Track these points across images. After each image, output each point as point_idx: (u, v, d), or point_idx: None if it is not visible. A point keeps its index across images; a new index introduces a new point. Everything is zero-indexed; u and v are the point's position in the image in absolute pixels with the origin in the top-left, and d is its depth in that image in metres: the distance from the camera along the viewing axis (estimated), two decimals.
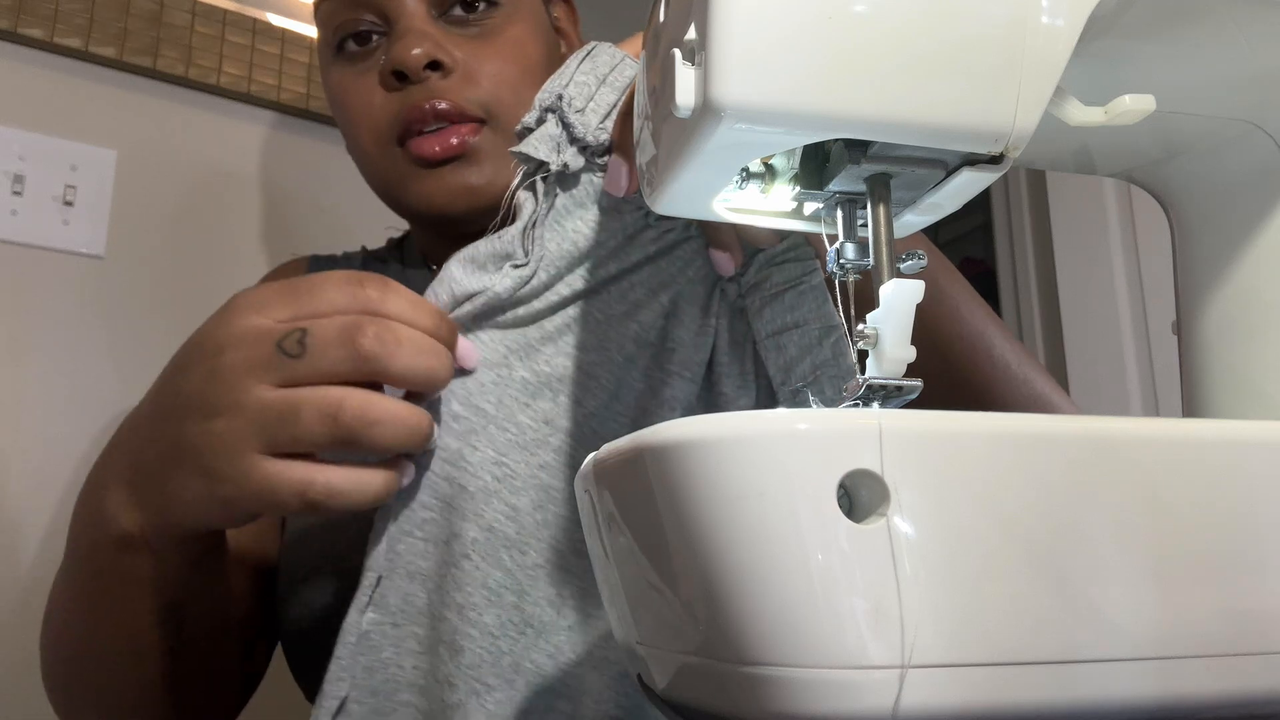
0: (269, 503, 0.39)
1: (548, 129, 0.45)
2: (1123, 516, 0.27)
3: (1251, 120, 0.38)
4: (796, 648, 0.25)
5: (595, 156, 0.45)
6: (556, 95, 0.45)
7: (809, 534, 0.25)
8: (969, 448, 0.26)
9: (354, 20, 0.63)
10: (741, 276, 0.47)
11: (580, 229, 0.45)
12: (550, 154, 0.45)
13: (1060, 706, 0.26)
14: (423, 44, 0.61)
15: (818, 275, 0.46)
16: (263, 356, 0.39)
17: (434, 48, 0.61)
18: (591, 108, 0.45)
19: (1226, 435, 0.29)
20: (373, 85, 0.63)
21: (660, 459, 0.27)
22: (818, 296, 0.46)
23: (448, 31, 0.64)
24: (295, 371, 0.39)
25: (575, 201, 0.46)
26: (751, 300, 0.47)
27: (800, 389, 0.45)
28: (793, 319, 0.46)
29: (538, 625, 0.44)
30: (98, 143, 1.09)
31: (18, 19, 1.03)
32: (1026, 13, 0.30)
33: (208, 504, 0.41)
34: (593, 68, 0.46)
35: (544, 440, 0.45)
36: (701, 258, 0.47)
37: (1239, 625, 0.28)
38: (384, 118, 0.63)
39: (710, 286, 0.47)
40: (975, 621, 0.25)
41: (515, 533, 0.44)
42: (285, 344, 0.39)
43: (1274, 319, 0.38)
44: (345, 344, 0.39)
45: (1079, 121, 0.32)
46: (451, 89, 0.62)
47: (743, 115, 0.29)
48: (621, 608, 0.32)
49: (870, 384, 0.31)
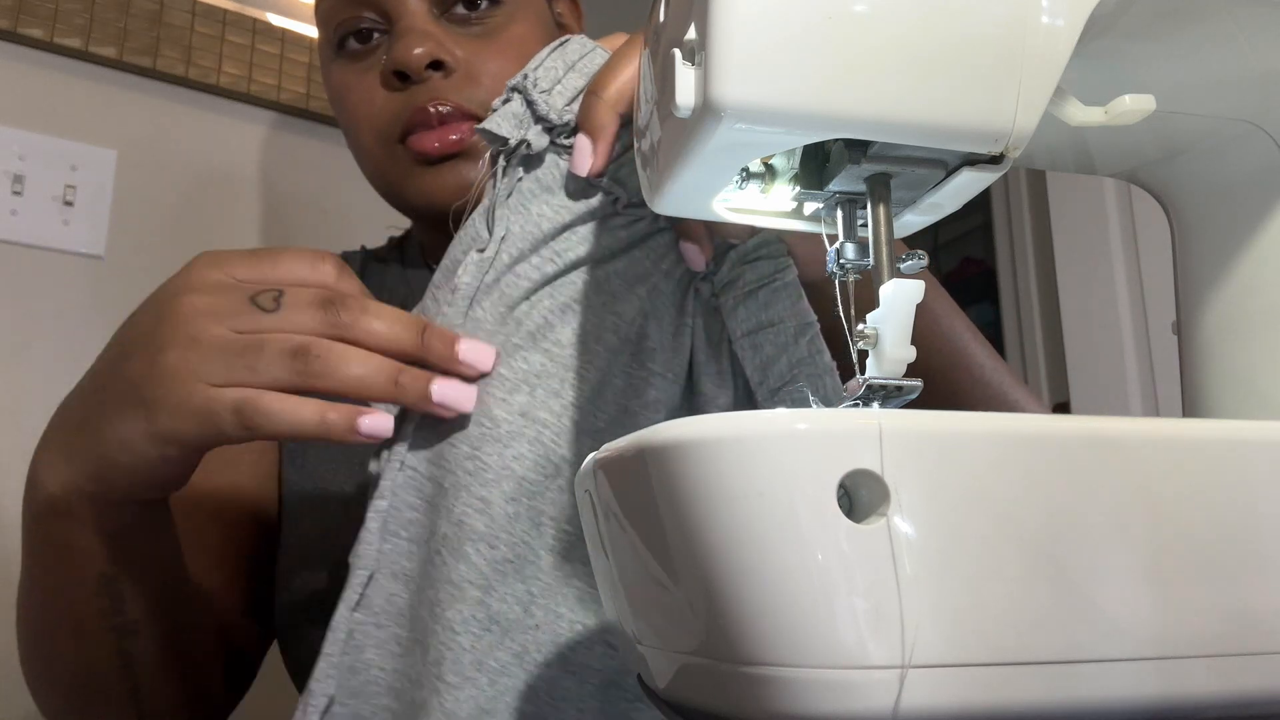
0: (206, 426, 0.39)
1: (512, 107, 0.45)
2: (1123, 516, 0.27)
3: (1252, 120, 0.38)
4: (796, 648, 0.25)
5: (561, 136, 0.45)
6: (522, 75, 0.45)
7: (809, 534, 0.25)
8: (969, 448, 0.26)
9: (355, 18, 0.63)
10: (714, 274, 0.47)
11: (545, 212, 0.45)
12: (512, 130, 0.44)
13: (1060, 706, 0.26)
14: (424, 44, 0.60)
15: (791, 272, 0.46)
16: (230, 305, 0.39)
17: (436, 47, 0.61)
18: (558, 90, 0.45)
19: (1227, 435, 0.29)
20: (374, 84, 0.63)
21: (660, 459, 0.27)
22: (791, 293, 0.45)
23: (449, 30, 0.63)
24: (264, 323, 0.39)
25: (541, 185, 0.45)
26: (725, 299, 0.46)
27: (779, 388, 0.45)
28: (767, 317, 0.45)
29: (504, 623, 0.42)
30: (98, 143, 1.09)
31: (18, 19, 1.03)
32: (1026, 13, 0.30)
33: (143, 443, 0.40)
34: (562, 54, 0.46)
35: (519, 432, 0.44)
36: (674, 252, 0.46)
37: (1239, 625, 0.28)
38: (386, 117, 0.63)
39: (685, 284, 0.47)
40: (975, 621, 0.25)
41: (485, 526, 0.42)
42: (260, 299, 0.39)
43: (1274, 319, 0.38)
44: (321, 308, 0.40)
45: (1079, 121, 0.32)
46: (453, 89, 0.61)
47: (743, 115, 0.29)
48: (621, 607, 0.32)
49: (870, 384, 0.31)
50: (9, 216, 1.03)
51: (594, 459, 0.32)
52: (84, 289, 1.06)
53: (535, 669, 0.43)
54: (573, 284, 0.45)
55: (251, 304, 0.39)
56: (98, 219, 1.07)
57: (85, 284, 1.06)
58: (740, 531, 0.25)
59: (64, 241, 1.05)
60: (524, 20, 0.66)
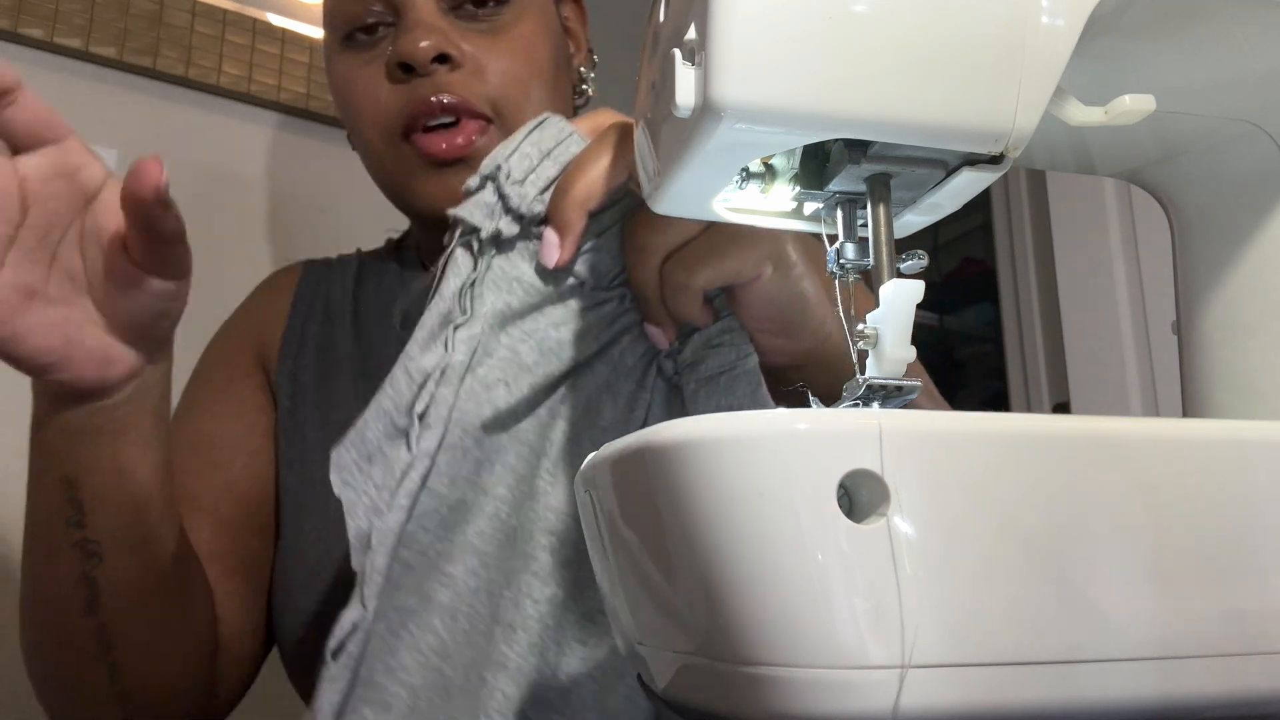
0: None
1: (484, 196, 0.47)
2: (1123, 516, 0.27)
3: (1252, 120, 0.38)
4: (796, 648, 0.25)
5: (531, 226, 0.47)
6: (496, 165, 0.47)
7: (809, 534, 0.25)
8: (969, 448, 0.26)
9: (362, 11, 0.63)
10: (678, 353, 0.48)
11: (516, 293, 0.47)
12: (484, 220, 0.46)
13: (1060, 706, 0.26)
14: (431, 36, 0.61)
15: (752, 359, 0.47)
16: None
17: (442, 40, 0.61)
18: (531, 179, 0.47)
19: (1226, 435, 0.29)
20: (378, 77, 0.63)
21: (661, 459, 0.27)
22: (751, 381, 0.47)
23: (456, 25, 0.63)
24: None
25: (511, 267, 0.47)
26: (687, 381, 0.48)
27: None
28: (727, 403, 0.47)
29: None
30: (98, 143, 1.09)
31: (18, 19, 1.03)
32: (1026, 13, 0.30)
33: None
34: (539, 140, 0.48)
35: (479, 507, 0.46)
36: (639, 330, 0.48)
37: (1239, 625, 0.28)
38: (389, 110, 0.63)
39: (648, 360, 0.49)
40: (975, 621, 0.25)
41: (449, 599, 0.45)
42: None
43: (1274, 319, 0.38)
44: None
45: (1079, 121, 0.32)
46: (459, 83, 0.61)
47: (743, 115, 0.29)
48: (621, 607, 0.32)
49: (870, 384, 0.31)
50: None
51: (595, 459, 0.32)
52: None
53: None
54: (539, 363, 0.47)
55: None
56: None
57: None
58: (740, 531, 0.25)
59: None
60: (531, 20, 0.66)
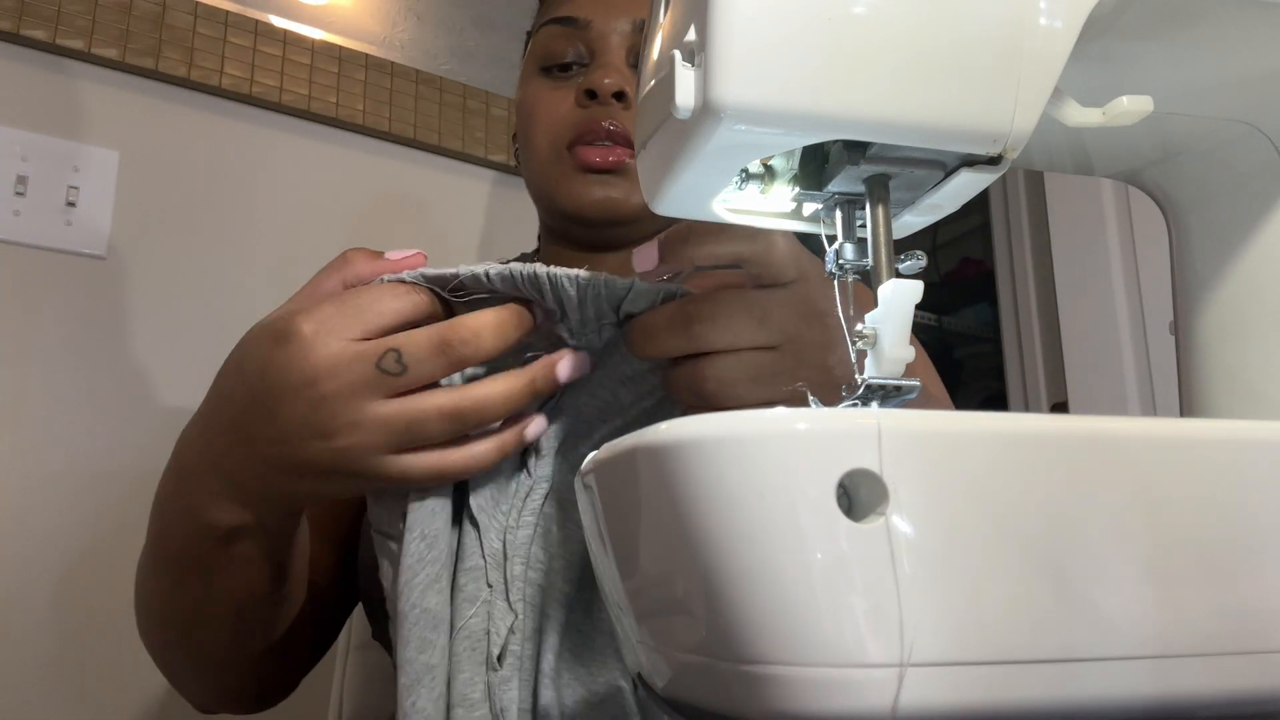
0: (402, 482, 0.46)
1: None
2: (1121, 516, 0.27)
3: (1249, 121, 0.38)
4: (796, 647, 0.25)
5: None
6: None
7: (808, 533, 0.25)
8: (968, 447, 0.27)
9: (569, 51, 0.77)
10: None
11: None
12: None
13: (1059, 705, 0.26)
14: (616, 76, 0.74)
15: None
16: (365, 377, 0.43)
17: (624, 81, 0.74)
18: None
19: (1224, 435, 0.29)
20: (565, 101, 0.76)
21: (660, 458, 0.27)
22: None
23: (635, 75, 0.74)
24: (398, 384, 0.44)
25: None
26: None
27: None
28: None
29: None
30: (100, 144, 1.09)
31: (20, 20, 1.04)
32: (1025, 14, 0.30)
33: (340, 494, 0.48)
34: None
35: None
36: (653, 380, 0.49)
37: (1237, 624, 0.28)
38: (564, 124, 0.75)
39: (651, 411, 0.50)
40: (974, 620, 0.25)
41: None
42: (384, 363, 0.43)
43: (1272, 319, 0.38)
44: (441, 353, 0.44)
45: (1077, 122, 0.32)
46: (627, 118, 0.74)
47: (742, 116, 0.29)
48: (622, 606, 0.33)
49: (869, 384, 0.31)
50: (12, 217, 1.03)
51: (594, 458, 0.32)
52: (86, 289, 1.06)
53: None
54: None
55: (380, 371, 0.43)
56: (100, 220, 1.08)
57: (87, 284, 1.07)
58: (739, 531, 0.25)
59: (66, 242, 1.05)
60: None
